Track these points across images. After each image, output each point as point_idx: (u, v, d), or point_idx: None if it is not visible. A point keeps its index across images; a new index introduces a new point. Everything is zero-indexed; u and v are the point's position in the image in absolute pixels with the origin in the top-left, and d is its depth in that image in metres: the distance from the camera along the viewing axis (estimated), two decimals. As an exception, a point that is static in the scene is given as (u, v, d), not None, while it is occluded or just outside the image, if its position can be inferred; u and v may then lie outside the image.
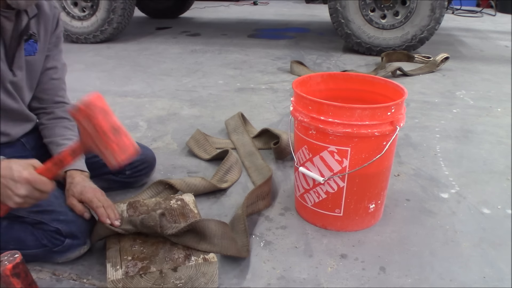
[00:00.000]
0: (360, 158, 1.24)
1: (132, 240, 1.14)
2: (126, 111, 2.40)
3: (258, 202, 1.46)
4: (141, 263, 1.05)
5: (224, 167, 1.67)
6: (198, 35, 4.77)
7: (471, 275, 1.18)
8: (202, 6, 7.13)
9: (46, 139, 1.32)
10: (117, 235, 1.16)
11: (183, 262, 1.05)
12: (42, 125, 1.34)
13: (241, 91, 2.81)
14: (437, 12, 3.59)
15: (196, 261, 1.06)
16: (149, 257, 1.07)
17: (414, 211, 1.49)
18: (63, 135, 1.31)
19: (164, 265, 1.04)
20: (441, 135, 2.13)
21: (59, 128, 1.32)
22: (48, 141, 1.31)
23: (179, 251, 1.09)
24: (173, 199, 1.33)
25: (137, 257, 1.07)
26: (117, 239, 1.15)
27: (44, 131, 1.33)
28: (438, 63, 3.34)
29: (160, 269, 1.03)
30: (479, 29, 5.45)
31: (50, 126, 1.32)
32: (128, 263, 1.05)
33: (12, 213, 1.13)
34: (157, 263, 1.05)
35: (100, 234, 1.18)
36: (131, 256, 1.08)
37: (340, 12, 3.76)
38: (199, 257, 1.07)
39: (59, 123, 1.33)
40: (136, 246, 1.12)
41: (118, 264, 1.05)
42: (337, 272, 1.19)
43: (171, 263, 1.05)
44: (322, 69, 3.39)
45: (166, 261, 1.06)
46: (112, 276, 1.01)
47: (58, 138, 1.29)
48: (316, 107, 1.22)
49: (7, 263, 0.95)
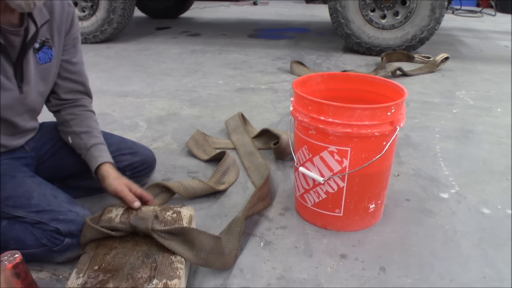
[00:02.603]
0: (360, 158, 1.24)
1: (108, 249, 1.10)
2: (126, 111, 2.40)
3: (258, 203, 1.46)
4: (104, 275, 1.01)
5: (221, 169, 1.67)
6: (198, 35, 4.77)
7: (471, 275, 1.18)
8: (202, 6, 7.13)
9: (78, 128, 1.33)
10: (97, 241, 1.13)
11: (142, 284, 0.99)
12: (73, 115, 1.35)
13: (241, 91, 2.81)
14: (437, 12, 3.59)
15: (157, 285, 0.99)
16: (114, 270, 1.02)
17: (414, 211, 1.49)
18: (96, 128, 1.36)
19: (123, 283, 0.99)
20: (441, 135, 2.13)
21: (93, 121, 1.37)
22: (82, 130, 1.33)
23: (145, 270, 1.03)
24: (170, 210, 1.25)
25: (103, 268, 1.03)
26: (96, 245, 1.12)
27: (77, 120, 1.34)
28: (438, 63, 3.34)
29: (117, 286, 0.98)
30: (479, 29, 5.45)
31: (84, 117, 1.35)
32: (91, 273, 1.01)
33: (12, 213, 1.14)
34: (117, 279, 1.00)
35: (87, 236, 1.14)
36: (98, 266, 1.04)
37: (340, 12, 3.76)
38: (161, 281, 1.00)
39: (91, 116, 1.38)
40: (109, 256, 1.08)
41: (83, 272, 1.02)
42: (337, 272, 1.19)
43: (130, 282, 0.99)
44: (322, 69, 3.39)
45: (127, 278, 1.00)
46: (71, 283, 0.98)
47: (94, 130, 1.35)
48: (316, 107, 1.22)
49: (7, 263, 0.95)
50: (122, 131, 2.11)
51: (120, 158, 1.43)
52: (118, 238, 1.14)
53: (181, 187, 1.49)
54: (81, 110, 1.36)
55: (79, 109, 1.36)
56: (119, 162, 1.42)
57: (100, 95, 2.63)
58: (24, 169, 1.22)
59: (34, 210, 1.13)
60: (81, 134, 1.33)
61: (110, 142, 1.44)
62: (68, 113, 1.35)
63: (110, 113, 2.37)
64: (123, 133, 2.04)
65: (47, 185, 1.22)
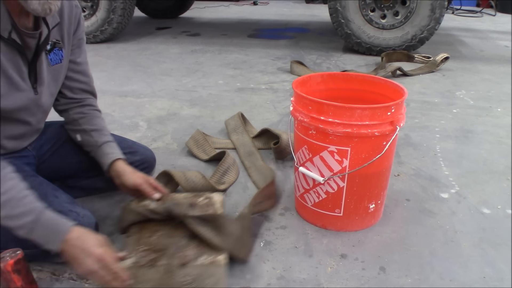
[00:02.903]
0: (360, 158, 1.24)
1: (152, 231, 1.18)
2: (126, 111, 2.40)
3: (264, 201, 1.47)
4: (154, 254, 1.09)
5: (221, 169, 1.67)
6: (198, 35, 4.77)
7: (471, 275, 1.18)
8: (202, 6, 7.13)
9: (87, 126, 1.36)
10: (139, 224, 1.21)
11: (191, 260, 1.08)
12: (82, 114, 1.36)
13: (241, 91, 2.81)
14: (437, 12, 3.59)
15: (205, 261, 1.08)
16: (162, 250, 1.11)
17: (414, 211, 1.49)
18: (105, 128, 1.39)
19: (173, 261, 1.07)
20: (441, 135, 2.13)
21: (101, 120, 1.39)
22: (92, 128, 1.35)
23: (191, 249, 1.12)
24: (202, 196, 1.32)
25: (151, 248, 1.11)
26: (139, 228, 1.20)
27: (86, 119, 1.36)
28: (438, 63, 3.34)
29: (169, 263, 1.06)
30: (479, 29, 5.45)
31: (93, 115, 1.38)
32: (141, 253, 1.09)
33: None
34: (167, 257, 1.08)
35: (127, 220, 1.22)
36: (146, 247, 1.12)
37: (340, 12, 3.76)
38: (208, 258, 1.09)
39: (99, 115, 1.40)
40: (154, 237, 1.16)
41: (133, 252, 1.09)
42: (337, 272, 1.19)
43: (180, 259, 1.08)
44: (322, 69, 3.39)
45: (176, 257, 1.09)
46: (124, 263, 1.05)
47: (104, 129, 1.37)
48: (316, 107, 1.22)
49: (9, 259, 0.96)
50: (122, 131, 2.11)
51: (120, 157, 1.43)
52: (158, 222, 1.22)
53: (183, 179, 1.51)
54: (89, 109, 1.38)
55: (87, 108, 1.38)
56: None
57: (100, 95, 2.60)
58: (25, 169, 1.22)
59: None
60: (91, 132, 1.35)
61: None
62: (76, 112, 1.37)
63: (110, 113, 2.37)
64: (123, 133, 2.04)
65: (48, 184, 1.22)
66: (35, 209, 0.99)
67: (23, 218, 0.97)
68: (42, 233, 1.00)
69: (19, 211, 0.98)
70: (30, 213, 0.98)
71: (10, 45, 1.04)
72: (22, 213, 0.98)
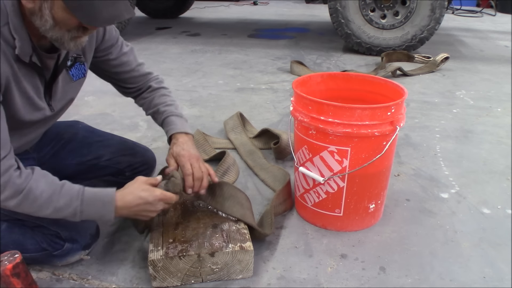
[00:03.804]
0: (360, 158, 1.24)
1: (175, 224, 1.21)
2: (126, 111, 2.40)
3: (283, 203, 1.47)
4: (181, 245, 1.11)
5: (221, 169, 1.67)
6: (198, 35, 4.77)
7: (471, 275, 1.18)
8: (202, 6, 7.13)
9: (149, 111, 1.39)
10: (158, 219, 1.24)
11: (220, 248, 1.11)
12: (143, 99, 1.40)
13: (241, 91, 2.81)
14: (437, 12, 3.59)
15: (233, 248, 1.11)
16: (189, 241, 1.13)
17: (414, 211, 1.49)
18: (163, 102, 1.37)
19: (203, 250, 1.10)
20: (441, 135, 2.13)
21: (158, 98, 1.38)
22: (151, 112, 1.38)
23: (218, 238, 1.15)
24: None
25: (178, 240, 1.14)
26: (160, 222, 1.23)
27: (146, 104, 1.39)
28: (438, 63, 3.34)
29: (198, 253, 1.09)
30: (479, 29, 5.45)
31: (150, 99, 1.39)
32: (169, 245, 1.12)
33: (12, 215, 1.13)
34: (196, 247, 1.11)
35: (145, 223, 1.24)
36: (172, 239, 1.14)
37: (340, 12, 3.76)
38: (236, 244, 1.12)
39: (157, 93, 1.39)
40: (178, 230, 1.19)
41: (160, 245, 1.12)
42: (337, 272, 1.19)
43: (209, 248, 1.11)
44: (322, 69, 3.39)
45: (205, 246, 1.12)
46: (153, 256, 1.08)
47: (159, 106, 1.36)
48: (316, 107, 1.22)
49: (7, 263, 0.95)
50: (122, 131, 2.11)
51: (120, 159, 1.43)
52: (180, 214, 1.27)
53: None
54: (148, 93, 1.40)
55: (146, 92, 1.40)
56: (119, 163, 1.43)
57: (100, 95, 2.63)
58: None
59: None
60: (154, 114, 1.38)
61: (110, 143, 1.45)
62: (139, 100, 1.42)
63: (110, 113, 2.37)
64: (123, 133, 2.04)
65: None
66: (77, 193, 1.03)
67: (70, 206, 1.02)
68: (92, 212, 1.05)
69: (63, 202, 1.01)
70: (74, 199, 1.02)
71: (31, 68, 1.05)
72: (67, 202, 1.01)
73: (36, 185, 0.98)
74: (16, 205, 0.97)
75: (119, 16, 0.96)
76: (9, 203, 0.96)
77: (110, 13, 0.94)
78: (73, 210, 1.02)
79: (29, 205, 0.98)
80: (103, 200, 1.05)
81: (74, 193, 1.02)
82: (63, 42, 0.99)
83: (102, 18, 0.94)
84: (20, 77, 1.02)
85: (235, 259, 1.12)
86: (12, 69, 0.98)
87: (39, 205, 0.99)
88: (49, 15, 0.94)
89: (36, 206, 0.99)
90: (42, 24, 0.95)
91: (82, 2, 0.91)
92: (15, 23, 0.96)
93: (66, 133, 1.42)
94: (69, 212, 1.02)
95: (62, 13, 0.93)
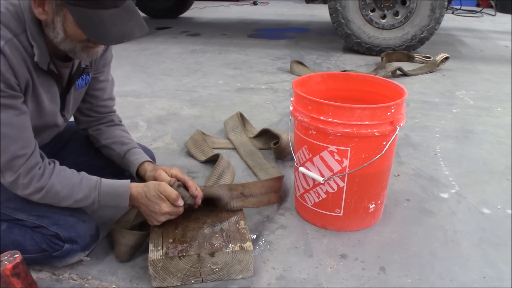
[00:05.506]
0: (360, 158, 1.24)
1: (175, 225, 1.22)
2: (126, 111, 2.40)
3: (270, 193, 1.47)
4: (181, 245, 1.12)
5: (216, 172, 1.66)
6: (198, 35, 4.77)
7: (471, 275, 1.18)
8: (202, 6, 7.13)
9: (107, 140, 1.38)
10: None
11: (220, 248, 1.11)
12: (99, 130, 1.39)
13: (241, 91, 2.81)
14: (437, 12, 3.59)
15: (233, 248, 1.12)
16: (189, 241, 1.14)
17: (414, 211, 1.49)
18: (126, 136, 1.41)
19: (202, 250, 1.11)
20: (441, 135, 2.13)
21: (120, 131, 1.41)
22: (110, 142, 1.37)
23: (218, 238, 1.16)
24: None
25: (177, 240, 1.14)
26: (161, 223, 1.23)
27: (104, 134, 1.39)
28: (438, 63, 3.34)
29: (198, 253, 1.09)
30: (479, 29, 5.45)
31: (110, 130, 1.39)
32: (169, 245, 1.12)
33: (12, 215, 1.13)
34: (196, 247, 1.12)
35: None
36: (172, 239, 1.15)
37: (340, 12, 3.76)
38: (236, 244, 1.13)
39: (119, 127, 1.42)
40: (178, 230, 1.19)
41: (160, 246, 1.13)
42: (337, 272, 1.19)
43: (209, 248, 1.11)
44: (322, 69, 3.39)
45: (205, 246, 1.12)
46: (153, 256, 1.08)
47: (122, 138, 1.38)
48: (316, 107, 1.22)
49: (7, 263, 0.95)
50: (122, 131, 2.11)
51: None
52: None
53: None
54: (106, 125, 1.39)
55: (105, 124, 1.40)
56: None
57: (100, 95, 2.62)
58: None
59: (34, 213, 1.13)
60: (111, 145, 1.37)
61: None
62: (94, 129, 1.39)
63: (110, 113, 2.37)
64: (123, 133, 2.04)
65: None
66: (95, 184, 1.13)
67: (89, 197, 1.12)
68: (109, 201, 1.15)
69: (83, 194, 1.11)
70: (93, 191, 1.12)
71: (49, 75, 1.07)
72: (86, 194, 1.12)
73: (58, 180, 1.08)
74: (40, 199, 1.07)
75: (129, 35, 0.97)
76: (33, 197, 1.07)
77: (120, 31, 0.95)
78: (92, 200, 1.13)
79: (51, 198, 1.09)
80: (118, 193, 1.15)
81: (92, 185, 1.13)
82: (75, 53, 1.02)
83: (112, 37, 0.95)
84: (37, 84, 1.04)
85: (235, 259, 1.12)
86: (31, 75, 1.01)
87: (61, 198, 1.09)
88: (61, 28, 0.96)
89: (58, 199, 1.09)
90: (54, 36, 0.98)
91: (92, 19, 0.92)
92: (32, 31, 0.98)
93: (66, 133, 1.41)
94: (88, 202, 1.13)
95: (73, 28, 0.95)
